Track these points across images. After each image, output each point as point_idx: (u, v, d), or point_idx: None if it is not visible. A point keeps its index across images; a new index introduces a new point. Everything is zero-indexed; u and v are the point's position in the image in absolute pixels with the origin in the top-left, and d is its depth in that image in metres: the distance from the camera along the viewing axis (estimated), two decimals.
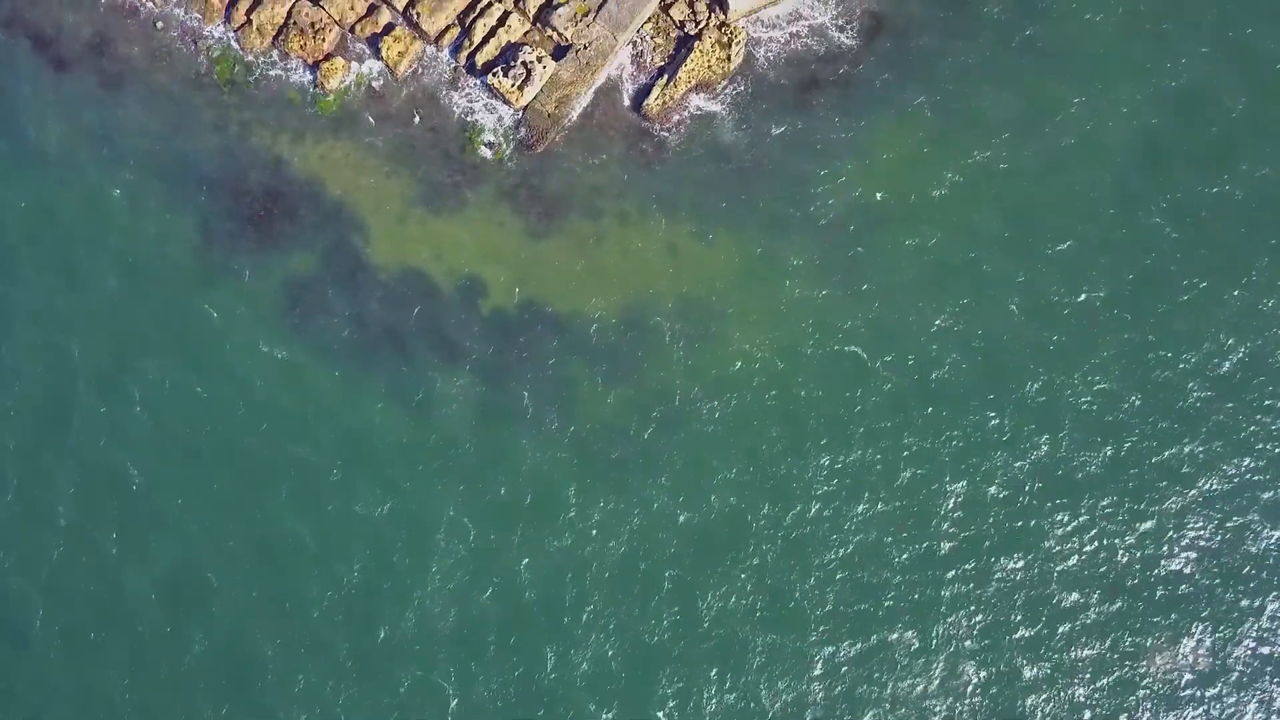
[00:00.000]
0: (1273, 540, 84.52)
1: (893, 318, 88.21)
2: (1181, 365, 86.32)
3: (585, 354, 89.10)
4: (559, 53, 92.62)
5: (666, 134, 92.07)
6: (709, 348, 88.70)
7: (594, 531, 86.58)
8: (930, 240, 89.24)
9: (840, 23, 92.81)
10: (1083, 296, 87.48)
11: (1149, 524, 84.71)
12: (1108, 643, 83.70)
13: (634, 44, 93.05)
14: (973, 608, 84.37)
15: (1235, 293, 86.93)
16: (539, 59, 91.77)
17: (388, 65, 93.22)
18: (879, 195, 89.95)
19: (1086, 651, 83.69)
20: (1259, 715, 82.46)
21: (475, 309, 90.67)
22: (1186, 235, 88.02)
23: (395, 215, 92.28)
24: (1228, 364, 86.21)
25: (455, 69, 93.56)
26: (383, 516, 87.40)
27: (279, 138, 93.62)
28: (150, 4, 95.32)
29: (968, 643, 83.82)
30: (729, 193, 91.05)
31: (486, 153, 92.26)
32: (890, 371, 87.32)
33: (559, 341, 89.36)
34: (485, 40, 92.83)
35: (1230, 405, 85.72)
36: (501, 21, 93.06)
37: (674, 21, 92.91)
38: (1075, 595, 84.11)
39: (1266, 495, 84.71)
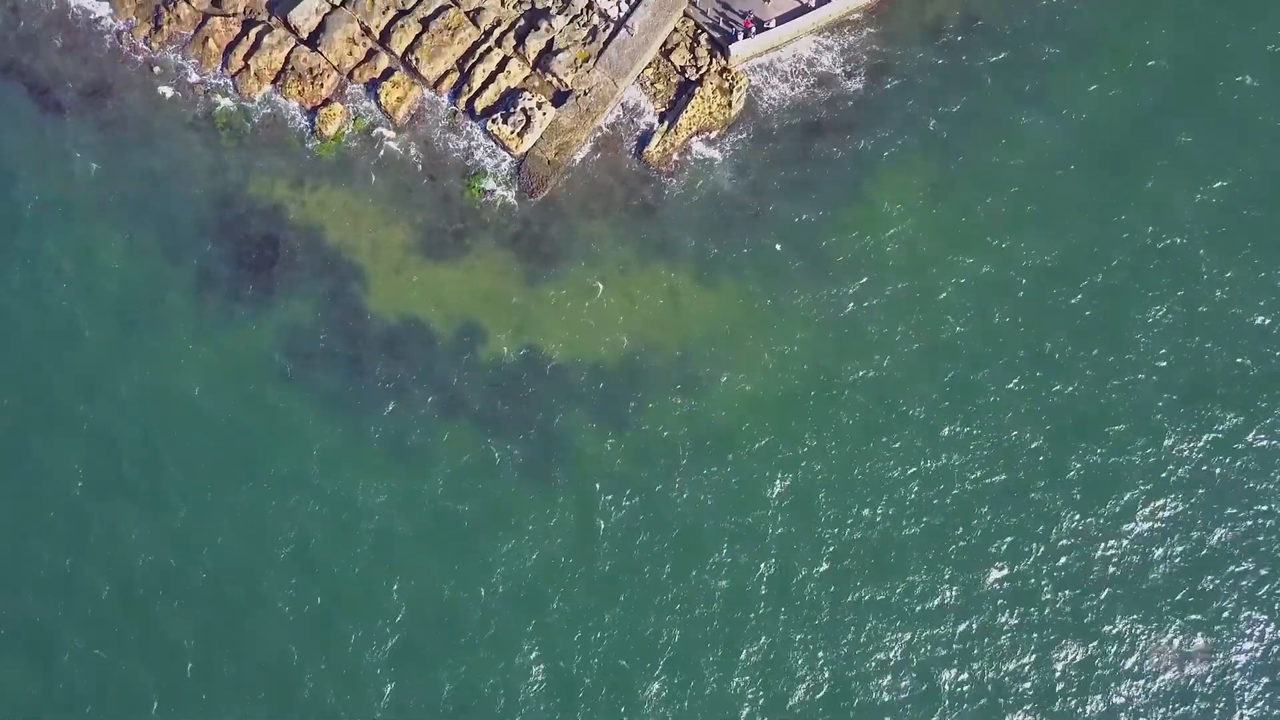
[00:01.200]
0: None
1: (896, 368, 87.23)
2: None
3: (585, 403, 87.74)
4: (559, 99, 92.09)
5: (667, 180, 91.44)
6: (711, 395, 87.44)
7: (589, 604, 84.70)
8: (935, 287, 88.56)
9: (843, 69, 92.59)
10: (1084, 347, 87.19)
11: None
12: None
13: (635, 89, 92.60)
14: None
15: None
16: (539, 105, 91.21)
17: (386, 111, 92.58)
18: (883, 244, 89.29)
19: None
20: None
21: (474, 356, 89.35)
22: (1189, 280, 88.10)
23: (393, 262, 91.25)
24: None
25: (454, 114, 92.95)
26: (368, 573, 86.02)
27: (277, 183, 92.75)
28: (147, 50, 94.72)
29: None
30: (731, 240, 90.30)
31: (486, 199, 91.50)
32: (894, 421, 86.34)
33: (558, 390, 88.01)
34: (485, 86, 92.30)
35: None
36: (501, 67, 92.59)
37: (675, 67, 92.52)
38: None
39: None
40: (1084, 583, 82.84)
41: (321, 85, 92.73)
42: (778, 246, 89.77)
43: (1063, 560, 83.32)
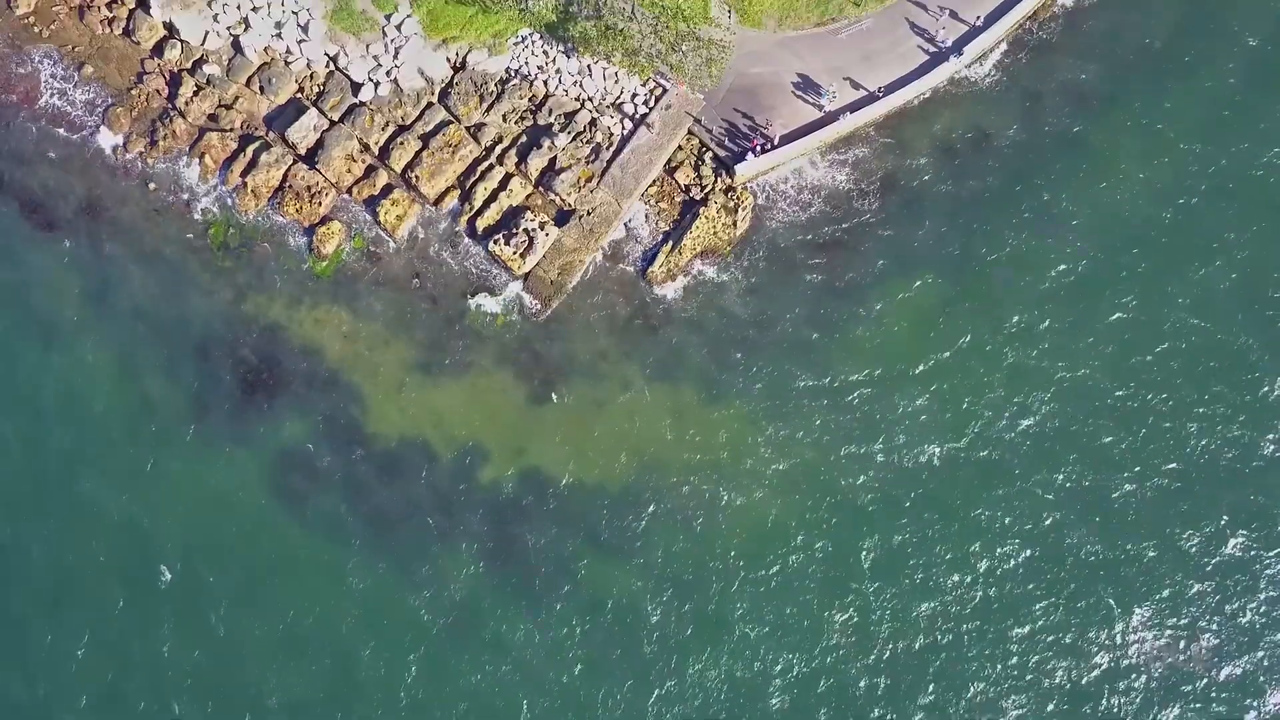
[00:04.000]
0: None
1: (907, 490, 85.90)
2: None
3: (588, 526, 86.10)
4: (562, 218, 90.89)
5: (671, 300, 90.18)
6: (715, 519, 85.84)
7: None
8: (945, 408, 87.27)
9: (851, 185, 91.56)
10: (1089, 458, 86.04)
11: None
12: None
13: (639, 206, 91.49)
14: None
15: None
16: (541, 225, 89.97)
17: (385, 229, 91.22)
18: (892, 364, 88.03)
19: None
20: None
21: (474, 478, 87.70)
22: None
23: (393, 382, 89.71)
24: None
25: (455, 233, 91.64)
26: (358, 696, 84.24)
27: (273, 302, 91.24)
28: (143, 165, 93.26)
29: None
30: (736, 360, 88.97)
31: (487, 319, 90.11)
32: (908, 546, 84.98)
33: (559, 512, 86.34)
34: (486, 205, 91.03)
35: None
36: (503, 185, 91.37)
37: (679, 185, 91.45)
38: None
39: None
40: None
41: (319, 203, 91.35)
42: (784, 367, 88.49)
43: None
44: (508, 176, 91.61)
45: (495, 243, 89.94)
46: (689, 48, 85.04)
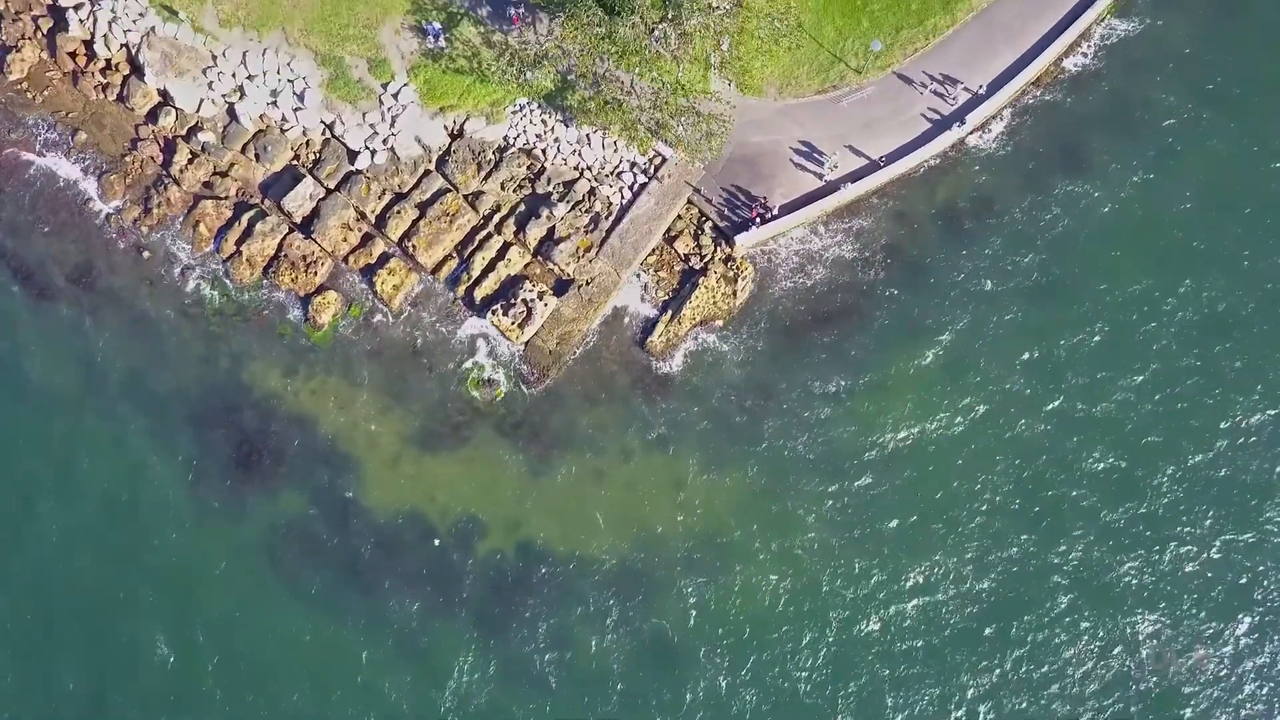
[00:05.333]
0: None
1: (910, 567, 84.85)
2: None
3: (588, 601, 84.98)
4: (560, 287, 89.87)
5: (671, 370, 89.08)
6: (719, 593, 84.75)
7: None
8: (951, 480, 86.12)
9: (853, 254, 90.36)
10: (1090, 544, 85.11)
11: None
12: None
13: (638, 277, 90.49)
14: None
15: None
16: (539, 295, 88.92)
17: (382, 298, 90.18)
18: (897, 437, 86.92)
19: None
20: None
21: (472, 552, 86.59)
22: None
23: (389, 454, 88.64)
24: None
25: (453, 302, 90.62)
26: None
27: (269, 372, 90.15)
28: (137, 233, 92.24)
29: None
30: (737, 431, 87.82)
31: (485, 389, 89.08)
32: (912, 626, 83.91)
33: (557, 588, 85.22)
34: (484, 274, 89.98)
35: None
36: (501, 254, 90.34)
37: (679, 254, 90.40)
38: None
39: None
40: None
41: (315, 273, 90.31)
42: (786, 439, 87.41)
43: None
44: (506, 245, 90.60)
45: (493, 313, 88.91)
46: (689, 122, 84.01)
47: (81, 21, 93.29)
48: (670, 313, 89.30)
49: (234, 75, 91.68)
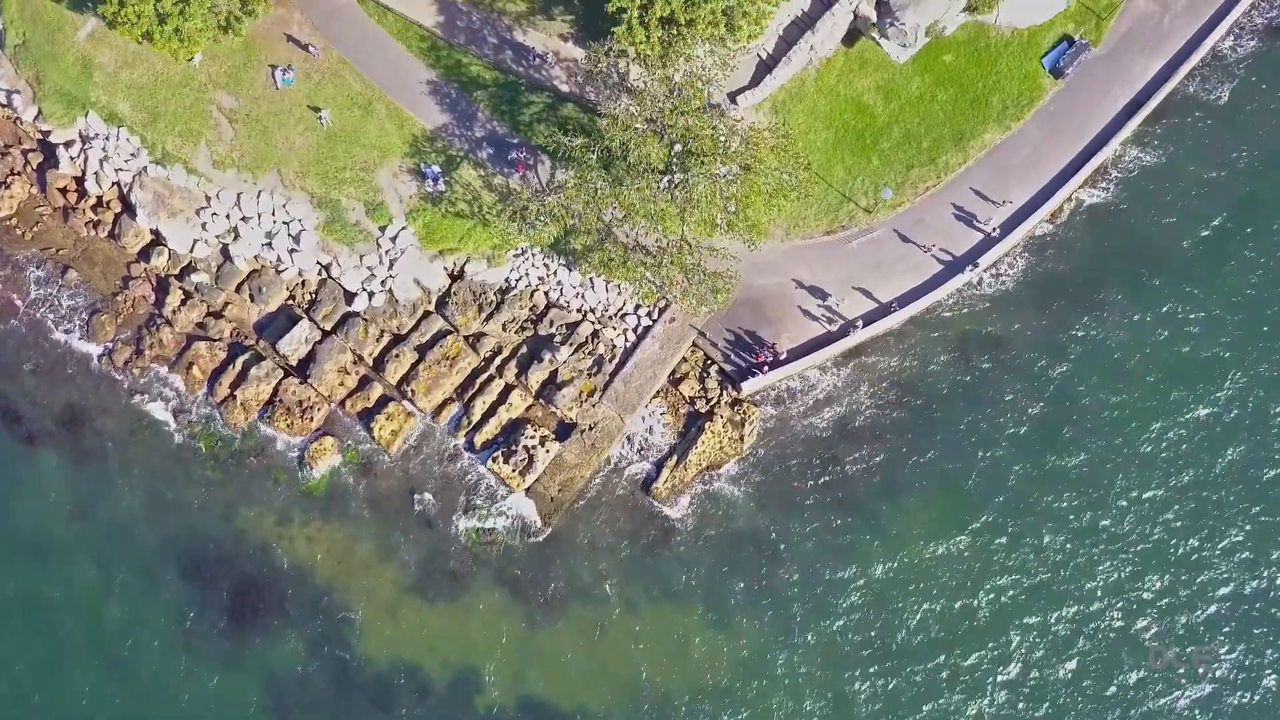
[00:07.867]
0: None
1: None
2: None
3: None
4: (563, 431, 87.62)
5: (677, 517, 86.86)
6: None
7: None
8: (969, 626, 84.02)
9: (863, 397, 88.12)
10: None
11: None
12: None
13: (642, 419, 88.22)
14: None
15: None
16: (541, 441, 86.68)
17: (380, 444, 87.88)
18: (909, 584, 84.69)
19: None
20: None
21: (470, 706, 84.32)
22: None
23: (386, 603, 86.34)
24: None
25: (453, 447, 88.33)
26: None
27: (264, 519, 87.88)
28: (128, 375, 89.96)
29: None
30: (744, 579, 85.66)
31: (485, 538, 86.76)
32: None
33: None
34: (485, 418, 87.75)
35: None
36: (502, 398, 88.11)
37: (684, 398, 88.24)
38: None
39: None
40: None
41: (311, 418, 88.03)
42: (795, 589, 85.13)
43: None
44: (507, 389, 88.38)
45: (494, 459, 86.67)
46: (695, 279, 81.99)
47: (73, 159, 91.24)
48: (676, 457, 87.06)
49: (228, 217, 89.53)
